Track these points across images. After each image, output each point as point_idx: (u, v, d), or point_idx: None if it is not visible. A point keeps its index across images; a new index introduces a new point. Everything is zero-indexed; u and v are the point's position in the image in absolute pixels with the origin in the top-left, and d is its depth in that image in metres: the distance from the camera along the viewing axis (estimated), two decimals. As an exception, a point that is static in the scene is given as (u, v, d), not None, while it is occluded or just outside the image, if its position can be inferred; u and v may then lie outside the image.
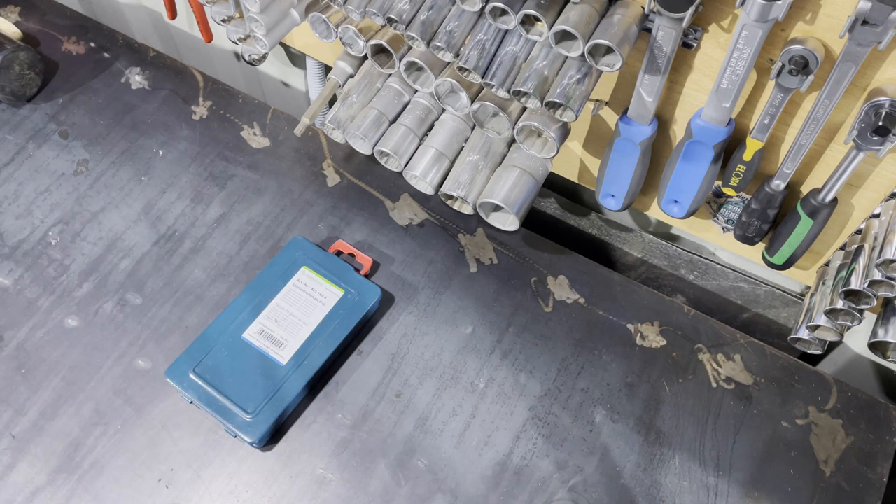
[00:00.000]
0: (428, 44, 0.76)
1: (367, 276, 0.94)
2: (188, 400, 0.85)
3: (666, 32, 0.68)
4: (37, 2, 1.16)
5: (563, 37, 0.70)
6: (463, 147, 0.92)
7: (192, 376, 0.84)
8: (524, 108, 0.82)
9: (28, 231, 0.97)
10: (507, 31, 0.76)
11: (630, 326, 0.93)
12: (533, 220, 1.15)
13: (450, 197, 0.94)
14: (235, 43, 0.94)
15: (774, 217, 0.83)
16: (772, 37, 0.67)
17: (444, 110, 0.92)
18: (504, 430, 0.86)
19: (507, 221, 0.92)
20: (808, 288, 0.95)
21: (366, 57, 0.87)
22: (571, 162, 0.96)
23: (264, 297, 0.90)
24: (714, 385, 0.90)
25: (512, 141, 0.90)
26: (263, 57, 0.98)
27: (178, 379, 0.84)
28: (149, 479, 0.82)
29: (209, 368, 0.85)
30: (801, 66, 0.64)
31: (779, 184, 0.78)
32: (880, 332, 0.78)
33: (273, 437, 0.85)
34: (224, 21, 0.94)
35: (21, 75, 1.04)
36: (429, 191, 0.92)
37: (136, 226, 0.98)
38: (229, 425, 0.82)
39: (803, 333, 0.86)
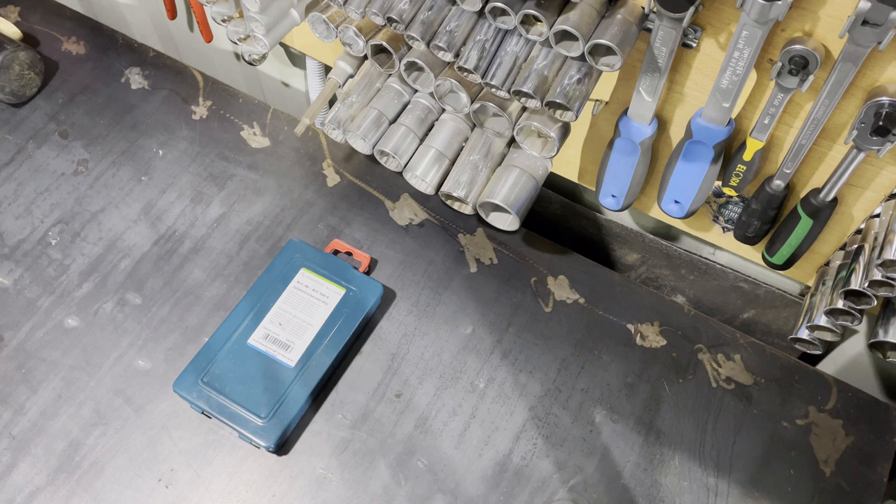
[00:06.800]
0: (428, 44, 0.76)
1: (366, 272, 0.94)
2: (199, 410, 0.85)
3: (666, 32, 0.68)
4: (37, 2, 1.16)
5: (563, 37, 0.70)
6: (463, 147, 0.92)
7: (200, 386, 0.84)
8: (524, 108, 0.82)
9: (28, 231, 0.97)
10: (507, 31, 0.76)
11: (630, 326, 0.93)
12: (533, 220, 1.15)
13: (450, 197, 0.94)
14: (235, 43, 0.94)
15: (774, 217, 0.83)
16: (772, 37, 0.67)
17: (444, 110, 0.92)
18: (504, 430, 0.86)
19: (508, 221, 0.92)
20: (808, 288, 0.95)
21: (366, 57, 0.87)
22: (571, 162, 0.96)
23: (266, 301, 0.89)
24: (714, 385, 0.90)
25: (512, 141, 0.90)
26: (263, 57, 0.98)
27: (186, 390, 0.84)
28: (149, 479, 0.82)
29: (217, 377, 0.85)
30: (801, 66, 0.64)
31: (779, 184, 0.78)
32: (880, 332, 0.78)
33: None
34: (224, 21, 0.94)
35: (21, 75, 1.04)
36: (429, 191, 0.92)
37: (135, 226, 0.98)
38: (243, 431, 0.82)
39: (803, 333, 0.86)
